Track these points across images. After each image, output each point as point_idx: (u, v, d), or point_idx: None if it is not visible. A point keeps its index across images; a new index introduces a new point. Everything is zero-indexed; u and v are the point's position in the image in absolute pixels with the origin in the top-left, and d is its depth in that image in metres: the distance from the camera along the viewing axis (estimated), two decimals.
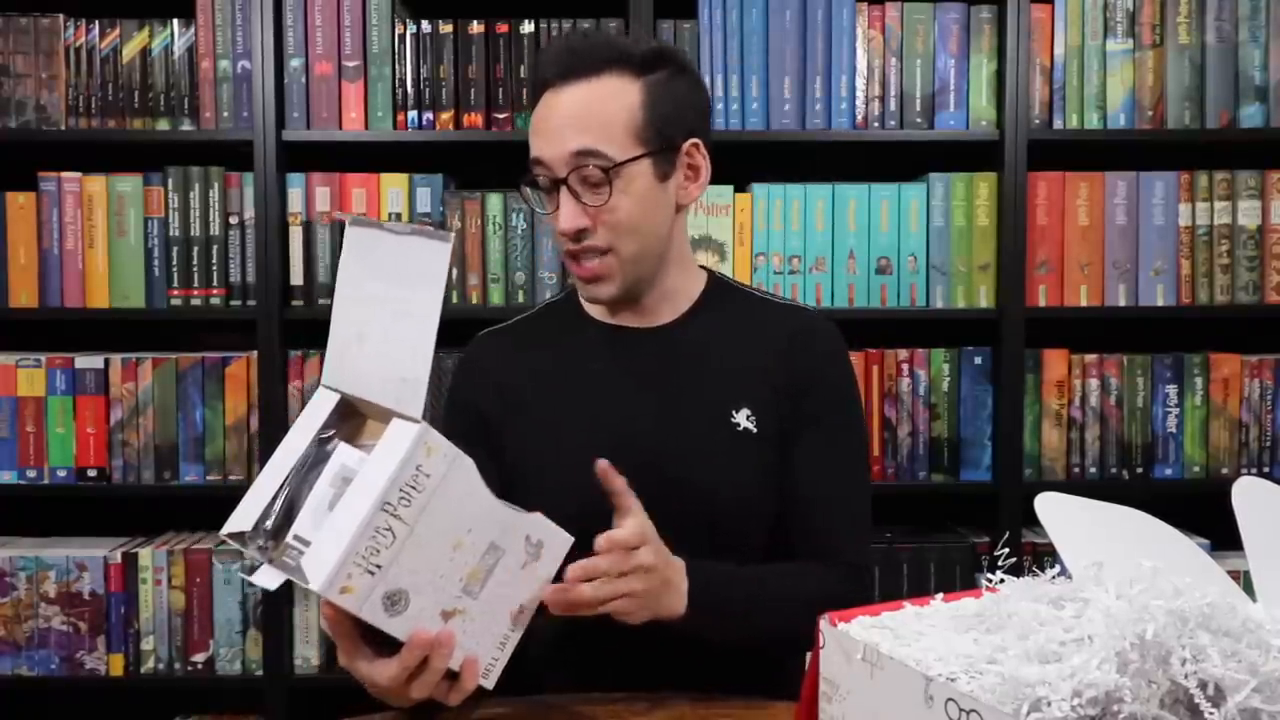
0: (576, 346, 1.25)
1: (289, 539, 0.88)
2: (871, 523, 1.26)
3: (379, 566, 0.83)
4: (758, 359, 1.22)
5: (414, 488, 0.83)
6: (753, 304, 1.28)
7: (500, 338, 1.31)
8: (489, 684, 0.91)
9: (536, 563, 0.91)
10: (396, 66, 2.00)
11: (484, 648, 0.90)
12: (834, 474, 1.21)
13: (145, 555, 2.02)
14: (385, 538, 0.83)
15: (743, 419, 1.19)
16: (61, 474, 2.01)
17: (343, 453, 0.91)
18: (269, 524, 0.90)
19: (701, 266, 1.30)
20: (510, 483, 1.19)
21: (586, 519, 0.97)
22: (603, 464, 1.00)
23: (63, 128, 2.01)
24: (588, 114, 1.14)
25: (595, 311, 1.26)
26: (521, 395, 1.23)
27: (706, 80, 1.92)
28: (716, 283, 1.29)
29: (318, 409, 0.95)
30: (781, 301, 1.31)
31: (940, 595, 0.69)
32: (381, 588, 0.84)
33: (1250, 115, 2.00)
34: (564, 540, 0.93)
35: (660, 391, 1.21)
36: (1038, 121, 1.99)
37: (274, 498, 0.92)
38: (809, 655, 0.90)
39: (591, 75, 1.15)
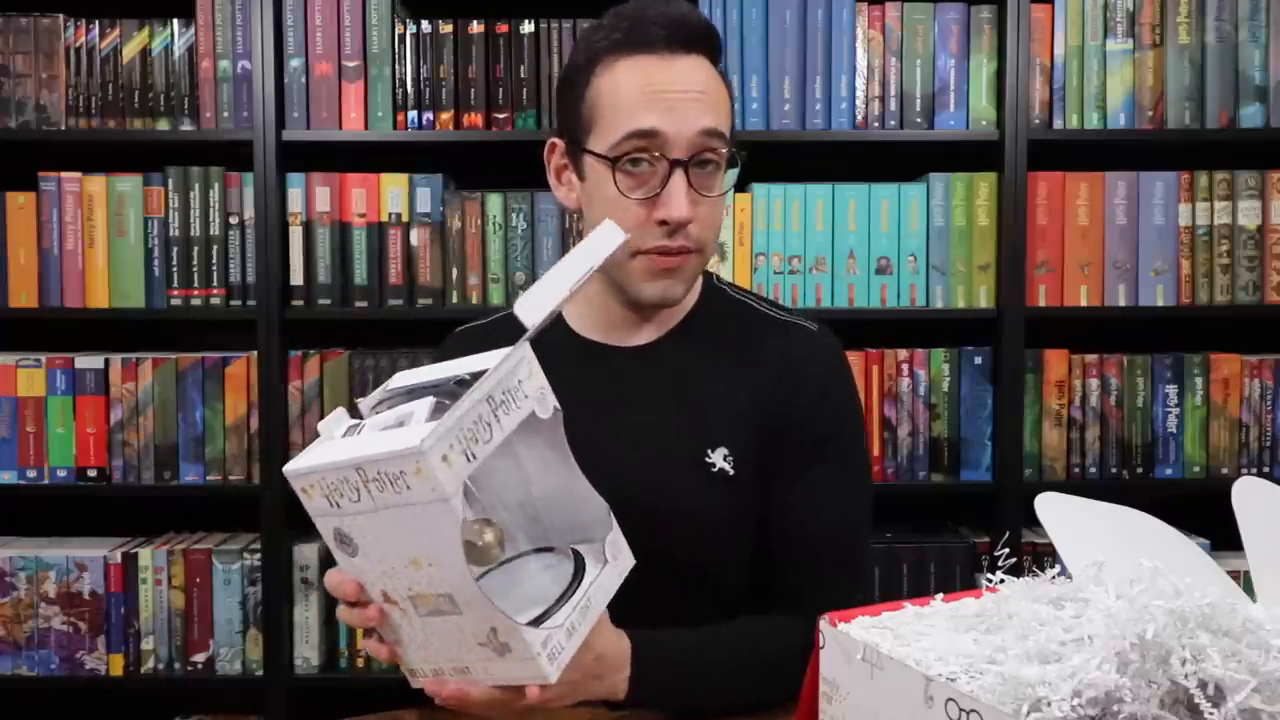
0: (555, 362, 1.06)
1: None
2: (864, 560, 1.17)
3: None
4: (742, 391, 1.10)
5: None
6: (746, 320, 1.15)
7: (474, 338, 1.20)
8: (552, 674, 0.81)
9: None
10: (396, 66, 2.00)
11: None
12: (826, 515, 1.10)
13: (145, 555, 2.02)
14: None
15: (719, 459, 1.08)
16: (61, 474, 2.01)
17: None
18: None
19: (704, 273, 1.19)
20: None
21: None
22: None
23: (63, 128, 2.01)
24: (712, 93, 1.04)
25: (578, 325, 1.15)
26: None
27: None
28: (711, 292, 1.17)
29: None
30: (780, 316, 1.16)
31: (940, 595, 0.69)
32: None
33: (1250, 115, 2.00)
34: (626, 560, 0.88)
35: (635, 421, 1.10)
36: (1038, 121, 1.99)
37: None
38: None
39: (699, 52, 1.04)
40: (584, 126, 1.06)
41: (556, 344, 1.11)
